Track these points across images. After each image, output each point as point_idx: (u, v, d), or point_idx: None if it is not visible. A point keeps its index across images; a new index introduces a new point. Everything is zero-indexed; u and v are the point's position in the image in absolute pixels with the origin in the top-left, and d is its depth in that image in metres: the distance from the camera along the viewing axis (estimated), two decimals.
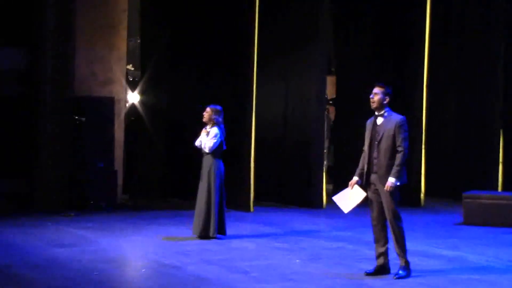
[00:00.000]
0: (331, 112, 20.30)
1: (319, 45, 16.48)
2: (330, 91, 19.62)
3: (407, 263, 9.32)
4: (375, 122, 9.43)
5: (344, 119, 18.92)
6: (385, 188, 9.14)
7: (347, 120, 18.69)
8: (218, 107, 11.97)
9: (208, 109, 11.96)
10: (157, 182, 17.28)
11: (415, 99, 16.76)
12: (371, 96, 9.41)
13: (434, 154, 18.15)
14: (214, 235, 11.80)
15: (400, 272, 9.27)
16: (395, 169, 9.14)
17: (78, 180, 15.23)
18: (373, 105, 9.39)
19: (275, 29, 17.05)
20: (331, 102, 20.39)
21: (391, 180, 9.13)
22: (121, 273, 9.91)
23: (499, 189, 17.55)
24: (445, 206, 16.93)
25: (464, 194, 14.34)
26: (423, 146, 16.74)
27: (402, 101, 14.97)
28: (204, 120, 11.97)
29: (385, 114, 9.35)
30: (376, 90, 9.39)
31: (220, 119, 11.93)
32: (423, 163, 16.74)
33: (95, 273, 9.46)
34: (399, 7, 17.48)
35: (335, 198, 9.57)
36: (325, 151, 16.89)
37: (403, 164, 9.17)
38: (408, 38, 17.23)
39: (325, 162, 16.73)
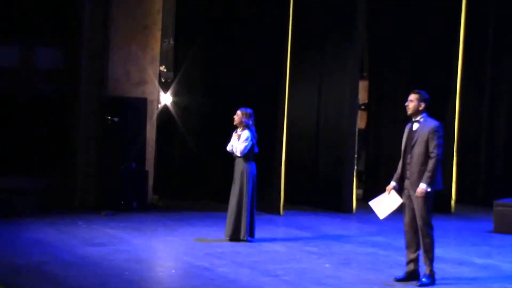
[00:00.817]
0: (360, 117, 20.23)
1: (354, 49, 16.48)
2: (362, 96, 19.56)
3: (432, 272, 9.25)
4: (411, 127, 9.41)
5: (375, 124, 18.90)
6: (416, 194, 9.10)
7: (378, 125, 18.68)
8: (249, 110, 11.98)
9: (238, 112, 11.98)
10: (189, 184, 17.32)
11: (448, 107, 16.68)
12: (406, 104, 9.38)
13: (465, 161, 18.08)
14: (245, 238, 11.82)
15: (424, 280, 9.22)
16: (426, 175, 9.09)
17: (111, 179, 15.31)
18: (409, 112, 9.37)
19: (310, 33, 17.07)
20: (362, 107, 20.35)
21: (422, 186, 9.08)
22: (152, 274, 9.95)
23: None
24: (475, 213, 16.85)
25: (496, 202, 14.25)
26: (454, 153, 16.66)
27: (434, 108, 14.88)
28: (234, 123, 11.99)
29: (421, 120, 9.31)
30: (411, 97, 9.36)
31: (251, 122, 11.93)
32: (454, 169, 16.66)
33: (126, 272, 9.51)
34: (435, 16, 17.40)
35: (372, 203, 9.54)
36: (355, 156, 16.86)
37: (435, 170, 9.09)
38: (442, 44, 17.15)
39: (355, 167, 16.69)
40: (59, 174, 15.54)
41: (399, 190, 9.37)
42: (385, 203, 9.41)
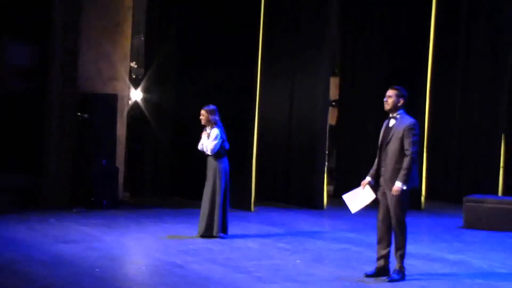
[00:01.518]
0: (331, 113, 20.29)
1: (326, 47, 16.55)
2: (333, 93, 19.63)
3: (402, 267, 9.29)
4: (388, 124, 9.37)
5: (346, 121, 18.97)
6: (392, 192, 9.12)
7: (349, 122, 18.76)
8: (212, 107, 11.95)
9: (202, 111, 11.94)
10: (160, 181, 17.28)
11: (419, 103, 16.76)
12: (384, 99, 9.33)
13: (436, 158, 18.22)
14: (218, 235, 11.82)
15: (394, 275, 9.26)
16: (402, 173, 9.08)
17: (82, 176, 15.24)
18: (387, 107, 9.32)
19: (282, 30, 17.12)
20: (333, 103, 20.41)
21: (398, 184, 9.08)
22: (124, 271, 9.94)
23: (499, 193, 17.58)
24: (444, 209, 16.96)
25: (466, 198, 14.37)
26: (424, 150, 16.77)
27: (405, 105, 14.98)
28: (203, 123, 11.97)
29: (398, 116, 9.29)
30: (390, 92, 9.32)
31: (217, 118, 11.91)
32: (424, 166, 16.77)
33: (97, 270, 9.47)
34: (406, 13, 17.52)
35: (345, 196, 9.54)
36: (326, 152, 16.93)
37: (410, 168, 9.09)
38: (412, 43, 17.26)
39: (326, 163, 16.76)
40: (30, 171, 15.43)
41: (375, 186, 9.38)
42: (358, 198, 9.44)
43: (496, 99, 18.04)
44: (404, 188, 9.09)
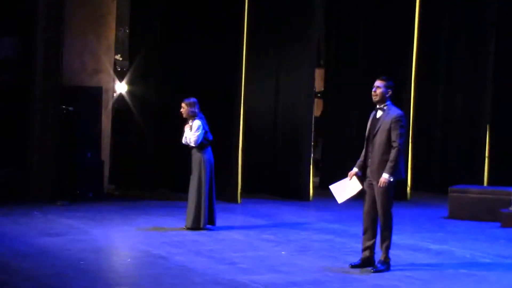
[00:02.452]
0: (316, 105, 20.31)
1: (311, 39, 16.57)
2: (318, 84, 19.65)
3: (387, 258, 9.31)
4: (375, 115, 9.34)
5: (331, 112, 18.99)
6: (379, 184, 9.12)
7: (334, 113, 18.77)
8: (192, 99, 11.93)
9: (183, 104, 11.93)
10: (145, 173, 17.25)
11: (403, 94, 16.80)
12: (373, 90, 9.27)
13: (420, 149, 18.26)
14: (204, 226, 11.83)
15: (379, 266, 9.27)
16: (389, 165, 9.05)
17: (67, 169, 15.21)
18: (375, 98, 9.26)
19: (267, 22, 17.12)
20: (319, 95, 20.42)
21: (385, 176, 9.06)
22: (109, 263, 9.93)
23: (485, 183, 17.64)
24: (430, 200, 17.00)
25: (451, 188, 14.41)
26: (410, 140, 16.80)
27: (390, 97, 15.03)
28: (184, 116, 11.96)
29: (385, 107, 9.25)
30: (378, 83, 9.27)
31: (197, 110, 11.89)
32: (409, 157, 16.81)
33: (82, 262, 9.47)
34: (390, 2, 17.56)
35: (332, 187, 9.54)
36: (312, 143, 16.96)
37: (397, 160, 9.06)
38: (397, 35, 17.29)
39: (311, 155, 16.78)
40: (14, 164, 15.40)
41: (362, 177, 9.38)
42: (345, 188, 9.44)
43: (480, 89, 18.07)
44: (391, 179, 9.10)
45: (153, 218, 13.34)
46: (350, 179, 9.41)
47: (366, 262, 9.40)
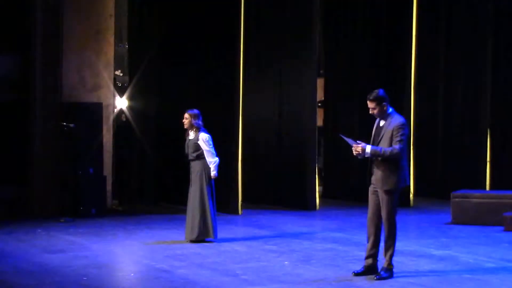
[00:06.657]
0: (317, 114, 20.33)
1: (312, 49, 16.57)
2: (319, 94, 19.63)
3: (390, 265, 9.30)
4: (378, 123, 9.38)
5: (332, 121, 19.00)
6: (353, 148, 9.11)
7: (335, 122, 18.78)
8: (196, 111, 11.94)
9: (186, 115, 11.93)
10: (147, 187, 17.27)
11: (404, 101, 16.81)
12: (370, 112, 9.31)
13: (422, 155, 18.27)
14: (206, 238, 11.82)
15: (382, 273, 9.26)
16: (380, 148, 9.08)
17: (69, 186, 15.22)
18: (377, 116, 9.32)
19: (267, 32, 17.16)
20: (319, 104, 20.42)
21: (368, 148, 9.07)
22: (111, 278, 9.89)
23: (487, 188, 17.64)
24: (433, 205, 17.01)
25: (453, 194, 14.41)
26: (411, 147, 16.81)
27: (390, 103, 15.03)
28: (185, 127, 11.97)
29: (388, 117, 9.28)
30: (371, 105, 9.26)
31: (200, 122, 11.91)
32: (412, 164, 16.81)
33: (84, 278, 9.45)
34: (388, 12, 17.58)
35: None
36: (317, 153, 16.96)
37: (389, 154, 9.05)
38: (396, 40, 17.34)
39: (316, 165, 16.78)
40: (17, 182, 15.41)
41: (367, 183, 9.37)
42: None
43: (480, 94, 18.09)
44: (368, 151, 9.09)
45: (156, 232, 13.34)
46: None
47: (370, 270, 9.39)
